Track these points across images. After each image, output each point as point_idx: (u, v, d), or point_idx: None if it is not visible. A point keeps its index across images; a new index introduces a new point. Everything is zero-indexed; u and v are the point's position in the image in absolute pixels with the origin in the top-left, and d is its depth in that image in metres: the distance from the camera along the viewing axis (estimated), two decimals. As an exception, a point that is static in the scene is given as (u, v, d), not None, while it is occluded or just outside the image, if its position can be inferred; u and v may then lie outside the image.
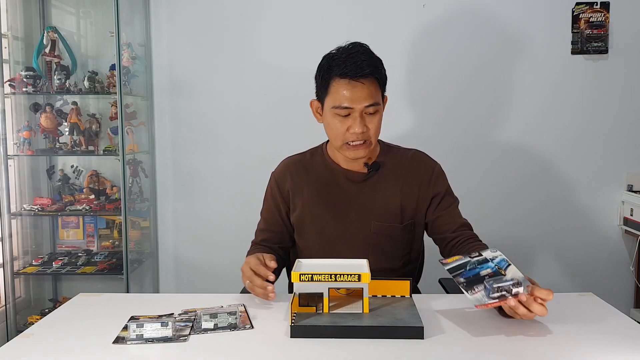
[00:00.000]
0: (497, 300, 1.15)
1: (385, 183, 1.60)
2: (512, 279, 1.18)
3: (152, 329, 1.15)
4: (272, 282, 1.34)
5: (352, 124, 1.48)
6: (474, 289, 1.18)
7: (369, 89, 1.46)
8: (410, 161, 1.64)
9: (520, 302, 1.15)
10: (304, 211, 1.62)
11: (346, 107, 1.47)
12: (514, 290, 1.16)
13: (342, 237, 1.59)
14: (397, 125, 2.72)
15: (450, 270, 1.26)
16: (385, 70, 1.53)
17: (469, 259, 1.28)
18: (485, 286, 1.17)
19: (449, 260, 1.30)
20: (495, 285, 1.16)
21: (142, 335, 1.14)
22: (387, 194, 1.59)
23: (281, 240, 1.67)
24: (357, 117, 1.47)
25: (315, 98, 1.59)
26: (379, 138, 1.68)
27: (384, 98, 1.56)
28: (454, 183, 1.70)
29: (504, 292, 1.16)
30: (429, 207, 1.61)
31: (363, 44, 1.52)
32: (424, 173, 1.62)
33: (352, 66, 1.45)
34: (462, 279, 1.22)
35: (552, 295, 1.17)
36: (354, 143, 1.50)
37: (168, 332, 1.15)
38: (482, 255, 1.29)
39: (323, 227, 1.60)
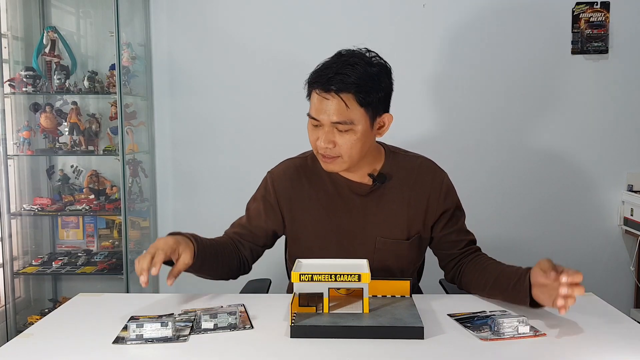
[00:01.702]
0: (500, 336, 1.15)
1: (392, 196, 1.51)
2: (516, 316, 1.18)
3: (152, 329, 1.15)
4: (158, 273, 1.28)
5: (319, 136, 1.41)
6: (480, 330, 1.19)
7: (338, 106, 1.36)
8: (417, 171, 1.54)
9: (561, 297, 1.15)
10: (305, 224, 1.54)
11: (314, 118, 1.40)
12: (521, 329, 1.15)
13: (345, 252, 1.49)
14: (396, 127, 2.71)
15: (457, 320, 1.26)
16: (378, 89, 1.39)
17: (474, 316, 1.28)
18: (490, 327, 1.18)
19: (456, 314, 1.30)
20: (500, 320, 1.16)
21: (142, 335, 1.14)
22: (393, 208, 1.51)
23: (255, 242, 1.58)
24: (324, 131, 1.39)
25: None
26: (384, 142, 1.60)
27: (378, 116, 1.44)
28: (453, 184, 1.70)
29: (509, 328, 1.16)
30: (437, 222, 1.54)
31: (364, 54, 1.41)
32: (433, 185, 1.53)
33: (325, 79, 1.36)
34: (468, 324, 1.23)
35: (580, 276, 1.16)
36: (324, 155, 1.43)
37: (168, 332, 1.15)
38: (485, 312, 1.30)
39: (325, 242, 1.53)
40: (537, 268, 1.25)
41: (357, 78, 1.36)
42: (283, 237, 1.68)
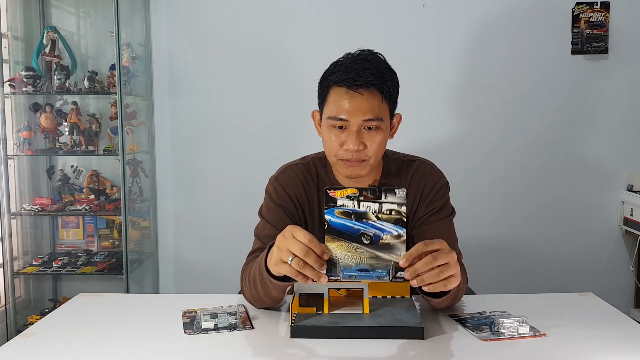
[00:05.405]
0: (500, 336, 1.15)
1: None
2: (516, 316, 1.18)
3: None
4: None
5: (347, 139, 1.31)
6: (480, 330, 1.19)
7: (369, 102, 1.30)
8: (412, 175, 1.48)
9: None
10: (314, 230, 1.46)
11: (341, 119, 1.31)
12: (521, 329, 1.16)
13: None
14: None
15: (457, 320, 1.26)
16: (396, 85, 1.36)
17: (473, 316, 1.29)
18: (490, 327, 1.18)
19: (458, 314, 1.31)
20: (500, 320, 1.16)
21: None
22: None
23: None
24: (353, 132, 1.31)
25: (318, 109, 1.43)
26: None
27: (393, 116, 1.40)
28: (453, 185, 1.70)
29: (509, 329, 1.16)
30: (414, 216, 1.46)
31: (375, 52, 1.36)
32: (425, 187, 1.47)
33: (353, 74, 1.30)
34: (468, 324, 1.23)
35: (440, 245, 1.09)
36: (349, 160, 1.34)
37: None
38: (485, 312, 1.30)
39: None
40: None
41: (382, 73, 1.32)
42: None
